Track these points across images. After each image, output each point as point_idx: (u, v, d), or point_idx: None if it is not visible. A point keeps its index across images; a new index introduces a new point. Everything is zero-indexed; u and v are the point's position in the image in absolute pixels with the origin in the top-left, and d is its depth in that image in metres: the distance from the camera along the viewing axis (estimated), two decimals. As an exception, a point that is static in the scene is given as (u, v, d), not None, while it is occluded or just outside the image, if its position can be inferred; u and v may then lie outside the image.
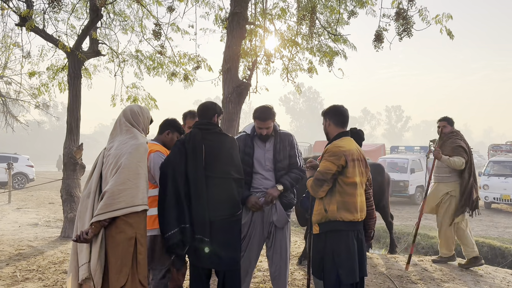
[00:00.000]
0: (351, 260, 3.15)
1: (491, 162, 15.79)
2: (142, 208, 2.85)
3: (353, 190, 3.19)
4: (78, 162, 7.84)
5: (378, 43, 6.88)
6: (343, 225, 3.16)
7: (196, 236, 3.16)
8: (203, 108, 3.56)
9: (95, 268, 2.70)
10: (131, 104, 3.41)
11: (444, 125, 5.72)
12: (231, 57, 6.07)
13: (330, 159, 3.18)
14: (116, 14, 9.40)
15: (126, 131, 3.06)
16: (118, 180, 2.76)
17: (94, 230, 2.71)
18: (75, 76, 8.08)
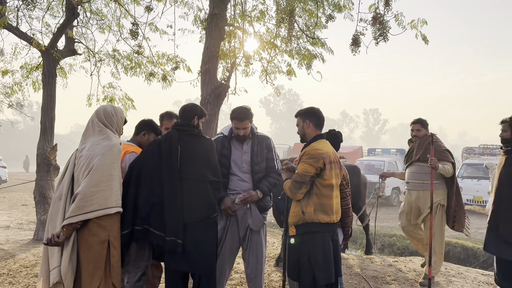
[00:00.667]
0: (327, 261, 3.18)
1: (464, 164, 16.17)
2: (116, 210, 2.81)
3: (330, 192, 3.23)
4: (52, 163, 7.66)
5: (355, 47, 6.97)
6: (319, 227, 3.20)
7: (167, 238, 3.11)
8: (183, 110, 3.54)
9: (66, 271, 2.64)
10: (104, 104, 3.35)
11: (418, 128, 5.16)
12: (210, 58, 6.05)
13: (308, 162, 3.21)
14: (93, 13, 9.25)
15: (99, 132, 3.00)
16: (91, 182, 2.71)
17: (66, 233, 2.65)
18: (50, 75, 7.91)
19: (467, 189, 14.77)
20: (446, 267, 5.73)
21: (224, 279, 3.95)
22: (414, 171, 5.14)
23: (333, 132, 3.99)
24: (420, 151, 5.08)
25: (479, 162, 16.03)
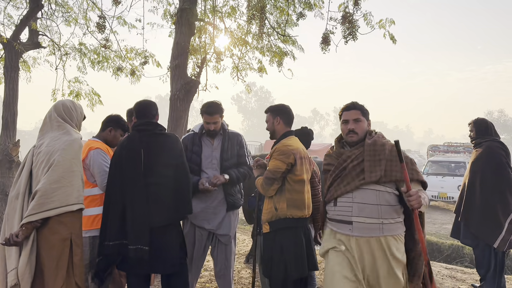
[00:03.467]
0: (300, 255, 3.22)
1: (429, 162, 16.67)
2: (78, 207, 2.72)
3: (301, 187, 3.26)
4: (15, 159, 7.40)
5: (325, 46, 7.03)
6: (292, 222, 3.22)
7: (131, 247, 3.03)
8: (144, 106, 3.39)
9: (23, 272, 2.54)
10: (63, 99, 3.24)
11: (357, 117, 2.85)
12: (180, 53, 5.96)
13: (279, 158, 3.23)
14: (58, 5, 8.95)
15: (57, 127, 2.90)
16: (51, 178, 2.61)
17: (25, 232, 2.55)
18: (12, 69, 7.63)
19: (432, 186, 15.21)
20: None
21: (194, 278, 3.93)
22: (363, 201, 2.72)
23: (305, 130, 4.03)
24: (376, 163, 2.74)
25: (443, 159, 16.56)
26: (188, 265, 3.85)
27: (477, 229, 4.30)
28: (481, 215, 4.26)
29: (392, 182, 2.68)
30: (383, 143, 2.77)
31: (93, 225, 3.36)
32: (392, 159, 2.67)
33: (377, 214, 2.67)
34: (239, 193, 4.03)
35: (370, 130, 2.90)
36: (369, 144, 2.77)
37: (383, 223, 2.66)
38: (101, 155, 3.46)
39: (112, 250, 3.06)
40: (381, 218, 2.66)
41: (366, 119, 2.88)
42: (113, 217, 3.08)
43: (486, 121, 4.62)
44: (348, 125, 2.84)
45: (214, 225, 3.82)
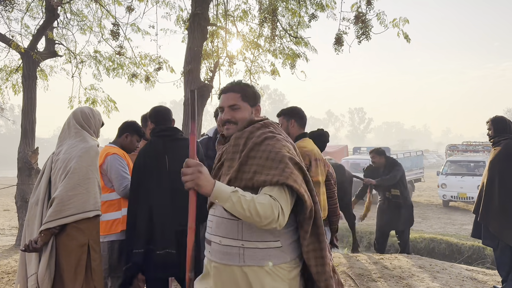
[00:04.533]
0: None
1: (448, 161, 16.39)
2: (94, 214, 2.75)
3: (317, 189, 3.23)
4: (34, 167, 7.53)
5: (338, 46, 7.01)
6: None
7: (159, 252, 3.03)
8: (161, 112, 3.42)
9: (43, 278, 2.57)
10: (81, 106, 3.27)
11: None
12: (193, 58, 6.01)
13: None
14: (74, 14, 9.11)
15: (75, 134, 2.93)
16: (68, 186, 2.64)
17: (44, 238, 2.59)
18: (30, 78, 7.77)
19: (451, 186, 14.99)
20: (431, 263, 5.78)
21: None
22: (222, 214, 2.52)
23: (321, 132, 4.01)
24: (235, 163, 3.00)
25: (462, 159, 16.27)
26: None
27: (496, 229, 4.21)
28: (500, 215, 4.16)
29: (258, 188, 1.87)
30: (249, 136, 2.01)
31: (111, 229, 3.39)
32: (262, 156, 1.90)
33: (236, 233, 1.91)
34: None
35: (255, 119, 2.09)
36: (234, 138, 2.07)
37: (244, 246, 1.89)
38: (118, 160, 3.49)
39: (141, 258, 3.07)
40: (241, 239, 1.89)
41: (249, 104, 2.11)
42: (140, 224, 3.08)
43: (504, 119, 4.52)
44: (223, 114, 2.12)
45: None
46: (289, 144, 2.03)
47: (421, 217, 13.20)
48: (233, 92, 2.10)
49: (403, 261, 5.87)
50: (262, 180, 1.84)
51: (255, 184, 1.87)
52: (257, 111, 2.16)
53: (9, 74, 9.02)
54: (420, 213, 13.96)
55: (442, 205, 15.64)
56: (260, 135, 1.98)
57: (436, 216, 13.49)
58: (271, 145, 1.92)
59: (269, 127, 2.07)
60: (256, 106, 2.15)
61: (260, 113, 2.18)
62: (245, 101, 2.10)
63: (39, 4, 8.71)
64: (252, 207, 1.72)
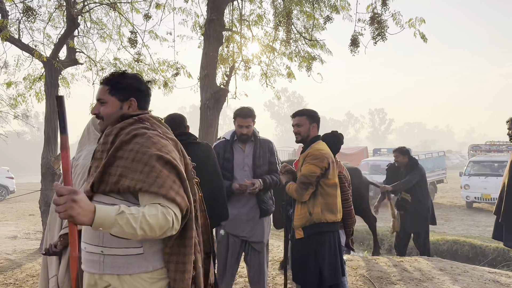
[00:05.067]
0: (334, 260, 3.20)
1: (471, 162, 16.05)
2: None
3: (334, 191, 3.26)
4: (57, 172, 7.73)
5: (354, 48, 6.98)
6: (327, 227, 3.22)
7: None
8: (175, 118, 3.48)
9: (63, 280, 2.65)
10: None
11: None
12: (209, 63, 6.09)
13: (313, 162, 3.24)
14: (94, 23, 9.33)
15: (94, 140, 2.99)
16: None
17: (63, 243, 2.66)
18: (52, 86, 7.99)
19: (475, 187, 14.67)
20: (452, 266, 5.68)
21: (228, 284, 3.96)
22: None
23: (336, 134, 4.02)
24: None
25: (486, 159, 15.91)
26: (221, 272, 3.91)
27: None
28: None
29: (127, 193, 1.74)
30: (119, 133, 1.85)
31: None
32: (128, 157, 1.74)
33: (97, 239, 1.78)
34: (270, 200, 4.04)
35: (128, 114, 1.95)
36: (104, 135, 1.92)
37: (104, 253, 1.76)
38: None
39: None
40: (101, 245, 1.77)
41: (118, 98, 1.96)
42: None
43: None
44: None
45: (247, 232, 3.85)
46: (164, 140, 1.87)
47: (444, 219, 12.96)
48: (103, 84, 1.98)
49: (423, 263, 5.79)
50: (126, 186, 1.69)
51: (120, 189, 1.71)
52: (131, 105, 1.96)
53: (33, 82, 9.28)
54: (443, 215, 13.71)
55: (465, 206, 15.32)
56: (130, 131, 1.82)
57: (459, 218, 13.22)
58: (140, 144, 1.76)
59: (144, 122, 1.91)
60: (129, 101, 1.95)
61: (135, 107, 1.97)
62: (113, 95, 1.94)
63: (61, 14, 8.95)
64: (145, 223, 1.58)
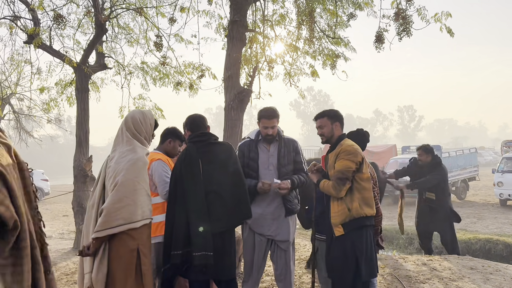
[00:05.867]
0: (371, 255, 3.22)
1: (504, 158, 15.56)
2: (142, 224, 2.87)
3: (369, 184, 3.31)
4: (88, 174, 7.97)
5: (379, 44, 6.91)
6: (367, 221, 3.25)
7: (196, 254, 3.12)
8: (195, 120, 3.55)
9: (96, 279, 2.76)
10: (133, 111, 3.27)
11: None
12: (232, 64, 6.15)
13: (348, 158, 3.28)
14: (121, 28, 9.58)
15: (126, 142, 3.04)
16: (115, 198, 2.77)
17: (95, 245, 2.77)
18: (83, 90, 8.25)
19: (509, 184, 14.22)
20: (484, 265, 5.55)
21: (255, 283, 4.00)
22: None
23: (361, 131, 4.02)
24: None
25: (520, 155, 15.38)
26: (248, 270, 3.95)
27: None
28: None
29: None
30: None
31: (157, 231, 3.56)
32: None
33: None
34: (296, 199, 4.05)
35: None
36: None
37: None
38: (162, 166, 3.68)
39: (180, 259, 3.18)
40: None
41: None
42: (178, 227, 3.22)
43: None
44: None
45: (272, 231, 3.88)
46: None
47: (477, 217, 12.62)
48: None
49: (453, 262, 5.68)
50: None
51: None
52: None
53: (64, 87, 9.61)
54: (476, 213, 13.35)
55: (499, 204, 14.86)
56: None
57: (492, 216, 12.84)
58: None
59: None
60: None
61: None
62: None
63: (89, 20, 9.22)
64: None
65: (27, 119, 17.29)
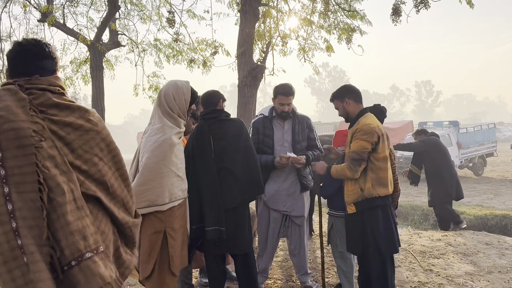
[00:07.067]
0: (391, 232, 3.21)
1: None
2: (169, 206, 2.83)
3: (384, 164, 3.23)
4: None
5: (396, 17, 6.74)
6: (379, 201, 3.22)
7: (209, 229, 3.16)
8: (207, 96, 3.53)
9: None
10: (169, 83, 3.01)
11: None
12: (245, 40, 6.08)
13: (363, 138, 3.20)
14: (133, 4, 9.53)
15: (158, 119, 2.93)
16: (139, 181, 2.75)
17: None
18: (97, 68, 8.30)
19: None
20: (499, 240, 5.52)
21: (270, 257, 4.06)
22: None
23: (378, 107, 3.94)
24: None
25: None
26: (263, 245, 4.01)
27: None
28: None
29: None
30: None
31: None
32: None
33: None
34: (310, 175, 4.06)
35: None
36: None
37: None
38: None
39: (195, 234, 3.22)
40: None
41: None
42: (192, 203, 3.26)
43: None
44: None
45: (288, 207, 3.91)
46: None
47: (493, 193, 12.48)
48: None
49: (469, 238, 5.66)
50: None
51: None
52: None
53: (79, 65, 9.68)
54: (493, 189, 13.20)
55: (519, 179, 14.66)
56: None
57: (510, 192, 12.67)
58: None
59: None
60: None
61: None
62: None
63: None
64: None
65: (44, 98, 17.51)
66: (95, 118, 1.65)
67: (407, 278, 4.25)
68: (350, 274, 3.77)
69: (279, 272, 4.59)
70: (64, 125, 1.51)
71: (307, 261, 4.12)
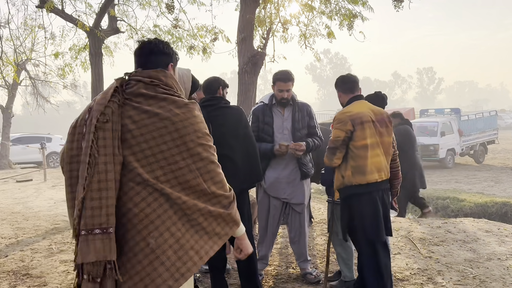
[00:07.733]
0: (376, 219, 3.21)
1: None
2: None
3: (365, 152, 3.20)
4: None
5: (398, 3, 6.66)
6: (360, 189, 3.20)
7: None
8: (207, 84, 3.53)
9: None
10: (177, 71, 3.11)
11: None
12: (246, 26, 6.01)
13: (337, 126, 3.25)
14: (132, -11, 9.41)
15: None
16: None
17: None
18: (96, 55, 8.23)
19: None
20: (499, 227, 5.52)
21: (270, 244, 4.07)
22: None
23: (379, 94, 3.93)
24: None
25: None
26: (263, 232, 4.02)
27: None
28: None
29: None
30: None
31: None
32: None
33: None
34: (310, 162, 4.06)
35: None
36: None
37: None
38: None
39: None
40: None
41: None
42: None
43: None
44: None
45: (288, 194, 3.90)
46: None
47: (494, 181, 12.50)
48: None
49: (469, 225, 5.66)
50: None
51: None
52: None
53: (78, 52, 9.61)
54: (493, 177, 13.22)
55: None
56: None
57: (510, 180, 12.69)
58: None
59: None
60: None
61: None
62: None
63: (101, -17, 9.08)
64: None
65: (43, 85, 17.46)
66: (180, 110, 1.77)
67: (407, 265, 4.26)
68: (350, 261, 3.79)
69: (279, 259, 4.61)
70: (142, 111, 1.70)
71: (307, 248, 4.13)
